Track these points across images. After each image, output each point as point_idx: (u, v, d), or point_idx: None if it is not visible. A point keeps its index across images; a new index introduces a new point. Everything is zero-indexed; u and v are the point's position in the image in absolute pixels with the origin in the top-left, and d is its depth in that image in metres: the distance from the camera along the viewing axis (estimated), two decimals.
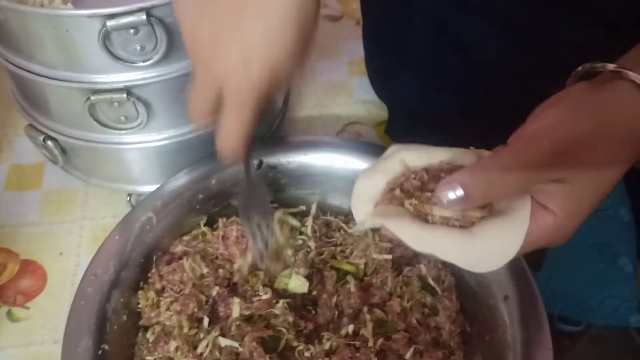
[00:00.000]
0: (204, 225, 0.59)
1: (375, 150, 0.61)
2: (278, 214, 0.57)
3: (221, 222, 0.58)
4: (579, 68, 0.39)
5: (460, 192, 0.33)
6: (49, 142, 0.60)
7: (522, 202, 0.36)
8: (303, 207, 0.60)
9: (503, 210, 0.37)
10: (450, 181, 0.34)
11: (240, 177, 0.60)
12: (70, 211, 0.68)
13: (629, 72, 0.35)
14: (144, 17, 0.47)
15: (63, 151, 0.61)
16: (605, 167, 0.35)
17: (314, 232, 0.58)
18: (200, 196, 0.59)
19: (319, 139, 0.65)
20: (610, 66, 0.36)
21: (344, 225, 0.60)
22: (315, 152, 0.62)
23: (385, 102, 0.76)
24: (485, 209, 0.36)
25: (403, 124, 0.71)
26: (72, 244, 0.65)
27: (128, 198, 0.67)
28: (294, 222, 0.58)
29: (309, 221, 0.58)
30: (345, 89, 0.82)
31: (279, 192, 0.63)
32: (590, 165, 0.34)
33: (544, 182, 0.35)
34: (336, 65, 0.86)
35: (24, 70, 0.53)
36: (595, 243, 1.05)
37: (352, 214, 0.62)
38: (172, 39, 0.50)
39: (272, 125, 0.71)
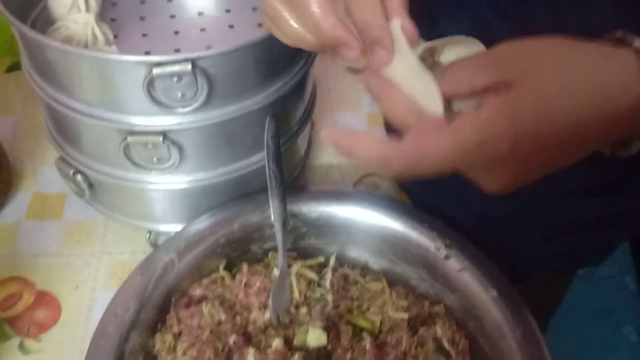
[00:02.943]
0: (224, 269, 0.60)
1: (397, 206, 0.62)
2: (296, 267, 0.58)
3: (245, 267, 0.59)
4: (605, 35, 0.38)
5: None
6: (78, 176, 0.61)
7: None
8: (322, 259, 0.61)
9: None
10: None
11: (263, 224, 0.61)
12: (89, 244, 0.68)
13: (636, 39, 0.35)
14: (189, 67, 0.48)
15: (90, 185, 0.62)
16: (555, 82, 0.34)
17: (332, 285, 0.58)
18: (222, 240, 0.60)
19: (342, 191, 0.66)
20: (618, 33, 0.36)
21: (361, 279, 0.61)
22: (337, 203, 0.63)
23: None
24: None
25: None
26: (89, 277, 0.65)
27: (148, 235, 0.68)
28: (312, 275, 0.59)
29: (328, 274, 0.59)
30: None
31: (298, 240, 0.63)
32: (539, 76, 0.34)
33: (493, 80, 0.35)
34: (356, 116, 0.88)
35: (64, 105, 0.54)
36: (599, 310, 1.06)
37: (369, 269, 0.64)
38: (212, 88, 0.52)
39: (294, 172, 0.73)
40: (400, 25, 0.37)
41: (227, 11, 0.65)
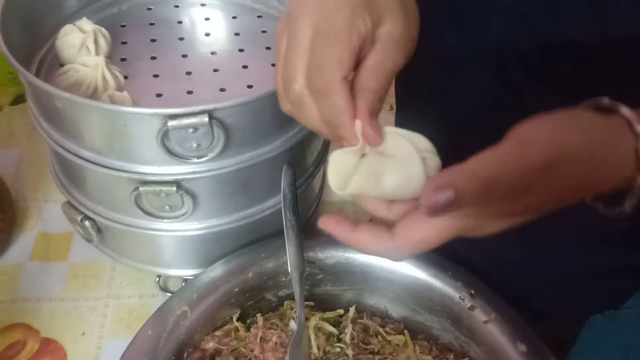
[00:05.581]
0: (237, 319, 0.57)
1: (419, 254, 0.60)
2: (314, 321, 0.55)
3: (260, 320, 0.56)
4: (593, 99, 0.36)
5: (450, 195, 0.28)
6: (87, 222, 0.58)
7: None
8: (341, 311, 0.58)
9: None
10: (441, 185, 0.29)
11: (278, 272, 0.59)
12: (96, 287, 0.66)
13: (622, 106, 0.33)
14: (206, 119, 0.46)
15: (99, 231, 0.60)
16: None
17: (352, 338, 0.55)
18: (236, 289, 0.57)
19: None
20: (625, 111, 0.34)
21: (381, 330, 0.58)
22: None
23: None
24: None
25: None
26: (96, 324, 0.63)
27: (157, 279, 0.65)
28: (331, 328, 0.56)
29: (348, 327, 0.56)
30: None
31: (315, 287, 0.61)
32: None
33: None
34: None
35: (72, 153, 0.52)
36: (618, 345, 1.02)
37: (389, 317, 0.61)
38: (229, 138, 0.49)
39: (309, 212, 0.70)
40: (360, 129, 0.35)
41: (241, 50, 0.63)
